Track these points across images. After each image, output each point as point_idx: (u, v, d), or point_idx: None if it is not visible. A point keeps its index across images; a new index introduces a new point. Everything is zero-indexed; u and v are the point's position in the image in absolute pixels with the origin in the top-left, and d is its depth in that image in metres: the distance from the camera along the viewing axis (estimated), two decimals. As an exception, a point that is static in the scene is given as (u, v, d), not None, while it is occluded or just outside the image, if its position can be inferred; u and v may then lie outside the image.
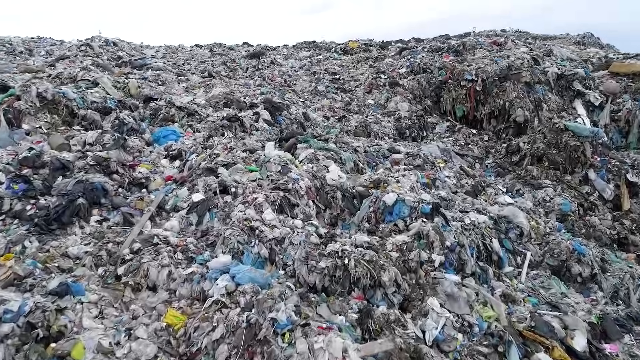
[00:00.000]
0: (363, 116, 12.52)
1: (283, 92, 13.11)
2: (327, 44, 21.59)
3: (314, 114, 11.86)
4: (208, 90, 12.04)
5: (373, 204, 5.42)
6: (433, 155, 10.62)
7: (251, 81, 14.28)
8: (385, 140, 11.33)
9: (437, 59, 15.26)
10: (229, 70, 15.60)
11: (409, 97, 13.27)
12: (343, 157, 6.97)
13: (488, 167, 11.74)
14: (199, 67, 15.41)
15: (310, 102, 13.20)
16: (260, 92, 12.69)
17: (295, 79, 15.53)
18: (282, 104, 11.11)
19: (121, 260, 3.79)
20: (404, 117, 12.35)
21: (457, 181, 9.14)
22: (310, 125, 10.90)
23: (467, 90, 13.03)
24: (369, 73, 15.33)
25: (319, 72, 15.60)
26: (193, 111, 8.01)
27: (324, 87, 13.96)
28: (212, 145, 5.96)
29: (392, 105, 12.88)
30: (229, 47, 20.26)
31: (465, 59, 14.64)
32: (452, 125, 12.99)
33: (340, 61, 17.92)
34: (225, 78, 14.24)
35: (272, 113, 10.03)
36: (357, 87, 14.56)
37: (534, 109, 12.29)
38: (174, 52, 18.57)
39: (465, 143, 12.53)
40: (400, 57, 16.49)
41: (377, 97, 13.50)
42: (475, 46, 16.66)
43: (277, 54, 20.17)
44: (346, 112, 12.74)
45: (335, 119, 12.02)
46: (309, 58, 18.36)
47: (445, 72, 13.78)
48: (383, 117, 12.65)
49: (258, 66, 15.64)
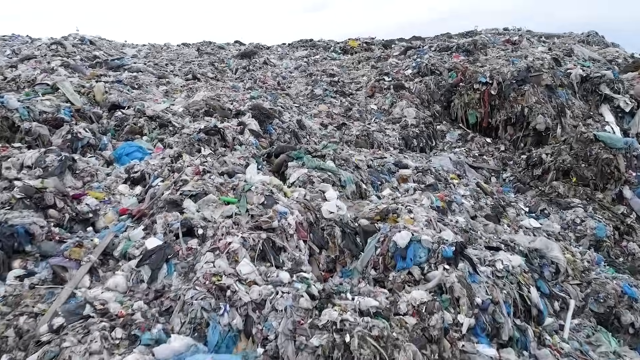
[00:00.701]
0: (365, 123, 11.61)
1: (276, 96, 12.19)
2: (326, 43, 20.71)
3: (309, 122, 10.95)
4: (191, 95, 11.13)
5: (380, 244, 4.47)
6: (445, 168, 9.75)
7: (240, 84, 13.37)
8: (391, 152, 10.42)
9: (446, 59, 14.39)
10: (217, 71, 14.69)
11: (415, 102, 12.37)
12: (343, 178, 6.03)
13: (506, 182, 10.86)
14: (183, 68, 14.51)
15: (306, 108, 12.29)
16: (250, 97, 11.77)
17: (289, 81, 14.62)
18: (273, 111, 10.18)
19: (35, 343, 2.84)
20: (410, 124, 11.45)
21: (475, 201, 8.21)
22: (306, 135, 9.99)
23: (480, 94, 12.17)
24: (371, 74, 14.44)
25: (316, 74, 14.70)
26: (166, 121, 7.06)
27: (321, 90, 13.05)
28: (180, 168, 5.01)
29: (397, 111, 11.97)
30: (218, 46, 19.37)
31: (477, 59, 13.77)
32: (464, 134, 12.10)
33: (340, 61, 17.04)
34: (212, 80, 13.33)
35: (261, 122, 9.11)
36: (358, 91, 13.66)
37: (556, 115, 11.41)
38: (157, 52, 17.67)
39: (479, 154, 11.64)
40: (405, 57, 15.60)
41: (380, 101, 12.60)
42: (487, 45, 15.83)
43: (271, 54, 19.27)
44: (346, 119, 11.83)
45: (333, 127, 11.11)
46: (305, 58, 17.47)
47: (456, 74, 12.89)
48: (387, 125, 11.74)
49: (249, 67, 14.73)
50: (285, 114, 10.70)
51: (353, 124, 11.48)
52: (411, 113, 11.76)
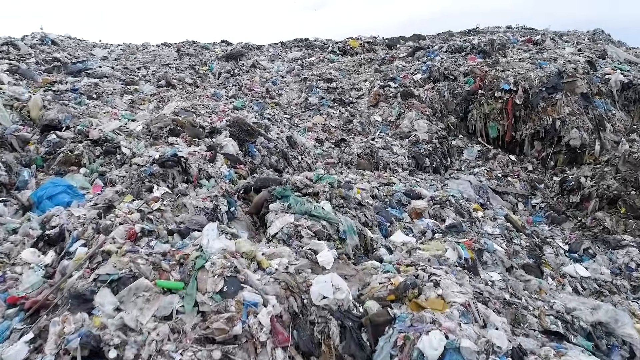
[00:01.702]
0: (368, 139, 10.35)
1: (263, 106, 10.92)
2: (323, 43, 19.46)
3: (302, 138, 9.67)
4: (161, 105, 9.84)
5: (398, 350, 3.15)
6: (465, 195, 8.48)
7: (223, 91, 12.08)
8: (399, 174, 9.15)
9: (461, 61, 13.11)
10: (197, 76, 13.42)
11: (427, 113, 11.10)
12: (342, 228, 4.70)
13: (536, 209, 9.57)
14: (158, 72, 13.20)
15: (298, 120, 11.01)
16: (232, 107, 10.50)
17: (281, 87, 13.35)
18: (258, 126, 8.90)
19: None
20: (422, 140, 10.16)
21: (507, 242, 6.91)
22: (297, 155, 8.73)
23: (503, 103, 10.92)
24: (374, 80, 13.17)
25: (311, 79, 13.43)
26: (114, 147, 5.73)
27: (316, 98, 11.77)
28: (109, 227, 3.67)
29: (405, 123, 10.70)
30: (202, 47, 18.11)
31: (497, 62, 12.51)
32: (484, 150, 10.84)
33: (338, 64, 15.78)
34: (190, 87, 12.02)
35: (242, 141, 7.83)
36: (360, 99, 12.39)
37: (593, 129, 10.15)
38: (132, 53, 16.39)
39: (502, 174, 10.36)
40: (414, 59, 14.36)
41: (385, 112, 11.33)
42: (506, 45, 14.63)
43: (261, 55, 18.03)
44: (345, 133, 10.56)
45: (331, 144, 9.82)
46: (299, 60, 16.22)
47: (474, 80, 11.65)
48: (394, 140, 10.48)
49: (234, 71, 13.42)
50: (274, 129, 9.43)
51: (354, 139, 10.20)
52: (422, 126, 10.47)
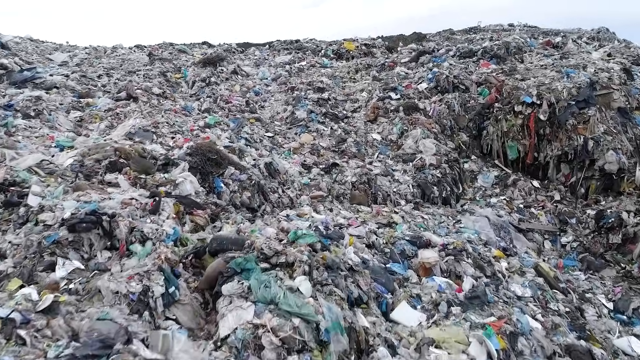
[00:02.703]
0: (365, 162, 9.09)
1: (240, 122, 9.68)
2: (315, 45, 18.21)
3: (285, 163, 8.43)
4: (116, 124, 8.59)
5: None
6: (483, 237, 7.27)
7: (196, 103, 10.82)
8: (402, 207, 7.91)
9: (472, 68, 11.88)
10: (168, 85, 12.13)
11: (434, 130, 9.87)
12: (323, 326, 3.40)
13: (567, 249, 8.33)
14: (123, 80, 11.92)
15: (282, 139, 9.77)
16: (204, 124, 9.26)
17: (264, 98, 12.08)
18: (230, 151, 7.68)
19: None
20: (429, 164, 8.88)
21: (543, 310, 5.66)
22: (278, 186, 7.47)
23: (524, 119, 9.72)
24: (372, 89, 11.93)
25: (300, 88, 12.16)
26: (17, 197, 4.41)
27: (305, 112, 10.53)
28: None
29: (409, 143, 9.45)
30: (179, 50, 16.84)
31: (515, 69, 11.30)
32: (503, 176, 9.56)
33: (332, 70, 14.54)
34: (158, 99, 10.74)
35: (207, 174, 6.53)
36: (355, 112, 11.15)
37: (633, 151, 8.91)
38: (98, 57, 15.10)
39: (524, 204, 9.08)
40: (417, 65, 13.13)
41: (385, 129, 10.09)
42: (522, 48, 13.45)
43: (245, 59, 16.78)
44: (338, 156, 9.33)
45: (320, 170, 8.56)
46: (288, 65, 14.94)
47: (489, 91, 10.41)
48: (396, 164, 9.24)
49: (210, 79, 12.12)
50: (251, 153, 8.18)
51: (348, 163, 8.95)
52: (429, 147, 9.22)
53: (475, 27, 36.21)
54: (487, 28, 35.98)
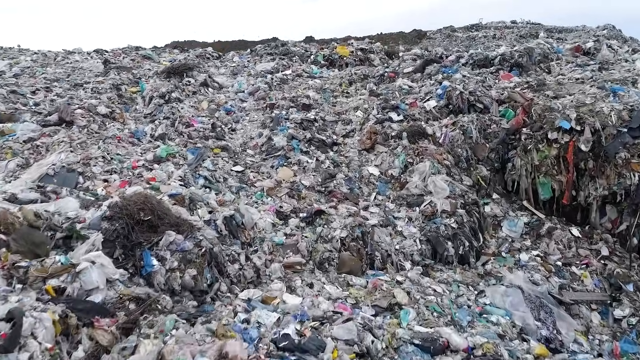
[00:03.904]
0: (358, 208, 7.48)
1: (202, 154, 8.12)
2: (304, 49, 16.63)
3: (254, 213, 6.87)
4: (33, 161, 6.99)
5: None
6: (517, 320, 5.80)
7: (149, 127, 9.19)
8: (406, 273, 6.35)
9: (491, 80, 10.30)
10: (120, 102, 10.51)
11: (446, 163, 8.31)
12: None
13: (623, 325, 6.74)
14: (65, 95, 10.30)
15: (255, 175, 8.16)
16: (153, 156, 7.69)
17: (237, 117, 10.47)
18: (178, 201, 6.09)
19: None
20: (441, 211, 7.27)
21: None
22: (241, 250, 5.94)
23: (560, 149, 8.13)
24: (369, 107, 10.34)
25: (281, 105, 10.55)
26: None
27: (284, 138, 8.93)
28: None
29: (415, 181, 7.87)
30: (143, 56, 15.19)
31: (544, 82, 9.75)
32: (535, 223, 7.95)
33: (321, 81, 12.93)
34: (103, 121, 9.14)
35: (134, 246, 4.92)
36: (348, 137, 9.56)
37: (703, 193, 7.30)
38: (44, 65, 13.47)
39: (563, 261, 7.47)
40: (424, 76, 11.54)
41: (385, 161, 8.52)
42: (548, 56, 11.88)
43: (222, 66, 15.19)
44: (324, 198, 7.71)
45: (300, 221, 6.98)
46: (269, 74, 13.33)
47: (514, 112, 8.83)
48: (398, 208, 7.66)
49: (171, 95, 10.47)
50: (209, 200, 6.63)
51: (337, 209, 7.35)
52: (441, 187, 7.64)
53: (477, 24, 35.57)
54: (489, 25, 35.30)
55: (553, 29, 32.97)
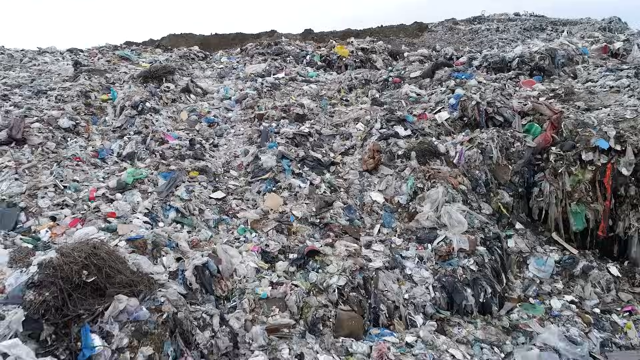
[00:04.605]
0: (360, 243, 6.54)
1: (175, 179, 7.14)
2: (299, 48, 15.60)
3: (234, 254, 5.92)
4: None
5: None
6: None
7: (117, 144, 8.21)
8: (418, 332, 5.42)
9: (510, 88, 9.32)
10: (88, 112, 9.51)
11: (462, 188, 7.31)
12: None
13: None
14: (25, 104, 9.30)
15: (238, 203, 7.18)
16: (116, 184, 6.72)
17: (220, 130, 9.48)
18: (137, 248, 5.18)
19: None
20: (458, 249, 6.30)
21: None
22: (212, 315, 5.00)
23: (596, 172, 7.16)
24: (371, 119, 9.33)
25: (271, 116, 9.55)
26: None
27: (273, 156, 7.94)
28: None
29: (427, 212, 6.93)
30: (120, 56, 14.13)
31: (572, 91, 8.76)
32: (567, 262, 6.99)
33: (318, 86, 11.91)
34: (64, 137, 8.17)
35: (64, 324, 3.92)
36: (347, 155, 8.58)
37: None
38: (7, 68, 12.46)
39: (601, 308, 6.52)
40: (433, 81, 10.54)
41: (390, 185, 7.56)
42: (572, 58, 10.90)
43: (208, 67, 14.18)
44: (319, 233, 6.76)
45: (290, 263, 6.01)
46: (260, 78, 12.31)
47: (541, 127, 7.85)
48: (407, 244, 6.70)
49: (144, 105, 9.43)
50: (179, 241, 5.66)
51: (333, 246, 6.38)
52: (457, 220, 6.68)
53: (479, 17, 35.07)
54: (492, 17, 34.73)
55: (557, 21, 32.41)
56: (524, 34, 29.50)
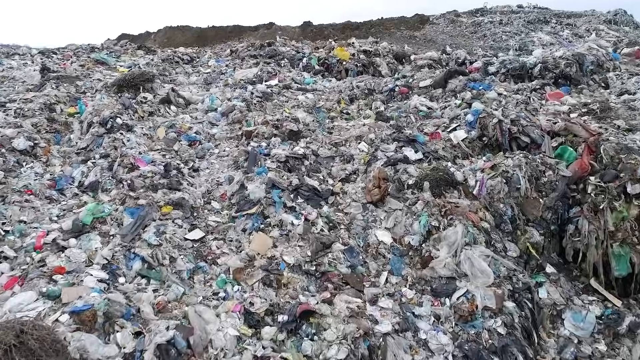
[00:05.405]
0: (364, 298, 5.67)
1: (144, 217, 6.23)
2: (295, 49, 14.63)
3: (210, 318, 5.03)
4: None
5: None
6: None
7: (78, 171, 7.28)
8: None
9: (535, 102, 8.40)
10: (50, 128, 8.58)
11: (484, 226, 6.36)
12: None
13: None
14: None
15: (222, 242, 6.27)
16: (72, 225, 5.84)
17: (203, 151, 8.55)
18: (83, 323, 4.25)
19: None
20: (482, 307, 5.39)
21: None
22: None
23: (643, 207, 6.26)
24: (375, 137, 8.38)
25: (261, 133, 8.61)
26: None
27: (262, 185, 7.00)
28: None
29: (443, 257, 6.04)
30: (96, 60, 13.15)
31: (607, 106, 7.83)
32: (611, 319, 6.07)
33: (315, 95, 10.94)
34: (18, 162, 7.23)
35: None
36: (349, 181, 7.64)
37: None
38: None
39: (655, 373, 5.62)
40: (446, 92, 9.59)
41: (399, 222, 6.66)
42: (602, 65, 9.96)
43: (193, 72, 13.22)
44: (316, 282, 5.84)
45: (278, 328, 5.10)
46: (250, 84, 11.37)
47: (574, 151, 6.94)
48: (420, 298, 5.83)
49: (114, 121, 8.46)
50: (142, 304, 4.75)
51: (332, 304, 5.49)
52: (481, 269, 5.80)
53: (482, 9, 34.72)
54: (494, 9, 34.36)
55: (561, 13, 31.97)
56: (528, 26, 28.98)
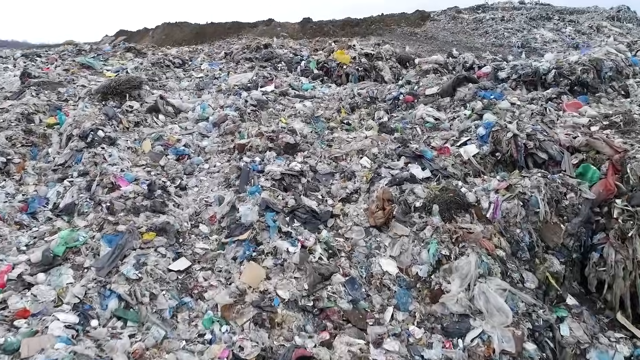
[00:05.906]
0: (367, 336, 5.17)
1: (123, 245, 5.78)
2: (293, 52, 14.12)
3: None
4: None
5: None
6: None
7: (53, 191, 6.80)
8: None
9: (552, 113, 7.91)
10: (26, 141, 8.09)
11: (499, 254, 5.87)
12: None
13: None
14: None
15: (210, 273, 5.79)
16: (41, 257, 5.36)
17: (192, 166, 8.05)
18: None
19: None
20: (499, 351, 4.90)
21: None
22: None
23: (677, 238, 5.73)
24: (379, 151, 7.89)
25: (254, 146, 8.13)
26: None
27: (255, 207, 6.52)
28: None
29: (455, 291, 5.59)
30: (81, 64, 12.64)
31: (632, 118, 7.34)
32: None
33: (313, 103, 10.44)
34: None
35: None
36: (350, 200, 7.14)
37: None
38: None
39: None
40: (454, 102, 9.10)
41: (405, 250, 6.17)
42: (621, 71, 9.51)
43: (185, 77, 12.71)
44: (313, 320, 5.35)
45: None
46: (245, 90, 10.87)
47: (598, 169, 6.46)
48: (429, 337, 5.35)
49: (95, 134, 7.96)
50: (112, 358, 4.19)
51: (332, 347, 5.04)
52: (497, 306, 5.34)
53: (483, 5, 34.71)
54: (496, 5, 34.32)
55: (564, 10, 31.91)
56: (530, 23, 28.90)
